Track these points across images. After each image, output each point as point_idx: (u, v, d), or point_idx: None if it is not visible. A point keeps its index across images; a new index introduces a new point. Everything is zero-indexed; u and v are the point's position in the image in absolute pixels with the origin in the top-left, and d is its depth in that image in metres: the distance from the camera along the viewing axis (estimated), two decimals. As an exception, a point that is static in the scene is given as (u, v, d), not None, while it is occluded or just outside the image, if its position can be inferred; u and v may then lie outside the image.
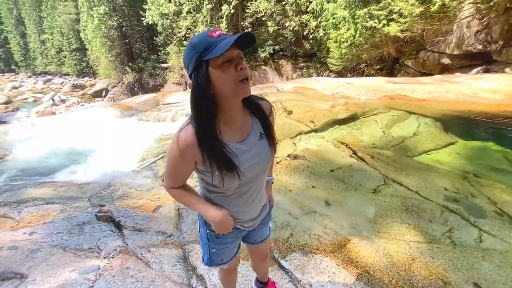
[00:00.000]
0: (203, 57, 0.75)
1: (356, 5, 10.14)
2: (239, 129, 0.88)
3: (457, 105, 4.77)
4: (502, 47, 8.21)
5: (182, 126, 0.84)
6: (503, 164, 3.26)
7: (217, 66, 0.76)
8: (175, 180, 0.93)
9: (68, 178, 3.66)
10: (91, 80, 26.67)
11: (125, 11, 19.94)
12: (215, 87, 0.78)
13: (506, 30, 7.96)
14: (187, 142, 0.80)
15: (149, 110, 6.92)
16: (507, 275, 1.54)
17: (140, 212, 2.21)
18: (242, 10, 15.05)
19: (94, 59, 23.51)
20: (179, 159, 0.84)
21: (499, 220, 2.06)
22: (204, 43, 0.75)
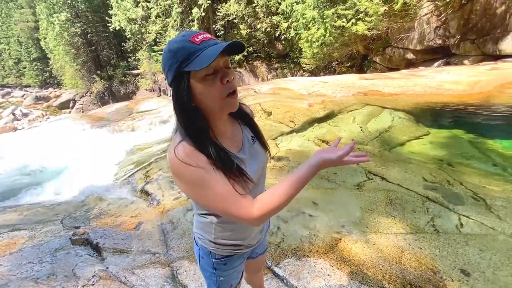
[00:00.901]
0: (183, 68, 0.65)
1: (324, 5, 10.45)
2: (231, 137, 0.81)
3: (425, 97, 5.04)
4: (459, 41, 8.83)
5: (173, 147, 0.69)
6: (471, 151, 3.47)
7: (199, 79, 0.66)
8: (240, 196, 0.68)
9: (35, 200, 3.36)
10: (56, 91, 25.04)
11: (89, 17, 18.98)
12: (197, 100, 0.69)
13: (462, 25, 8.57)
14: (187, 150, 0.67)
15: (122, 119, 6.60)
16: (490, 258, 1.61)
17: (120, 231, 2.06)
18: (213, 13, 14.92)
19: (57, 68, 22.11)
20: (202, 173, 0.66)
21: (475, 205, 2.17)
22: (184, 50, 0.64)
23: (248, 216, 0.68)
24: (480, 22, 8.26)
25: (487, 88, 5.16)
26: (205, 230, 0.87)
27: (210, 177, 0.68)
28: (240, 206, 0.68)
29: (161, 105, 7.39)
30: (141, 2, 16.02)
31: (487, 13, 8.07)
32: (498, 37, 7.77)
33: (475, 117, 4.31)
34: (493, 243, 1.76)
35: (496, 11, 7.90)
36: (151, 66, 17.96)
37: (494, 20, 7.91)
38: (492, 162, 3.17)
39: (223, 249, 0.88)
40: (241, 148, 0.81)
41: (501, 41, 7.65)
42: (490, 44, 7.98)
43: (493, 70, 6.20)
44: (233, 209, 0.68)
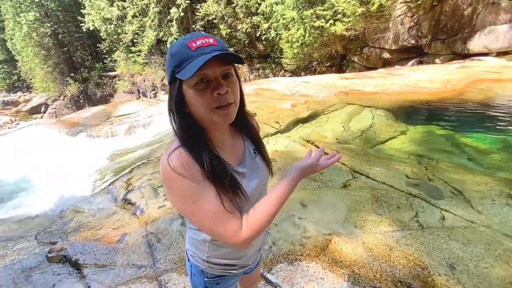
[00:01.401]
0: (176, 73, 0.63)
1: (303, 6, 10.59)
2: (231, 149, 0.76)
3: (403, 95, 5.23)
4: (431, 41, 9.27)
5: (168, 154, 0.65)
6: (447, 146, 3.64)
7: (190, 86, 0.63)
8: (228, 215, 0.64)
9: (5, 215, 3.11)
10: (26, 95, 23.52)
11: (60, 16, 18.03)
12: (189, 106, 0.66)
13: (433, 26, 9.01)
14: (182, 160, 0.63)
15: (100, 124, 6.30)
16: (472, 251, 1.68)
17: (101, 245, 1.95)
18: (192, 13, 14.67)
19: (27, 71, 20.78)
20: (194, 186, 0.62)
21: (455, 199, 2.26)
22: (179, 56, 0.62)
23: (235, 240, 0.64)
24: (449, 23, 8.72)
25: (458, 85, 5.45)
26: (198, 248, 0.82)
27: (201, 192, 0.64)
28: (227, 229, 0.64)
29: (141, 108, 7.14)
30: (116, 1, 15.44)
31: (456, 14, 8.53)
32: (466, 37, 8.23)
33: (449, 113, 4.54)
34: (473, 235, 1.84)
35: (463, 12, 8.37)
36: (129, 68, 17.37)
37: (462, 21, 8.38)
38: (467, 156, 3.34)
39: (216, 268, 0.84)
40: (241, 161, 0.77)
41: (469, 40, 8.12)
42: (459, 43, 8.44)
43: (462, 68, 6.55)
44: (221, 231, 0.64)
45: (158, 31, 14.97)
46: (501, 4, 7.48)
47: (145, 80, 17.20)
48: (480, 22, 7.92)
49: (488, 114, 4.33)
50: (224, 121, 0.67)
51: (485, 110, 4.48)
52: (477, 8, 8.08)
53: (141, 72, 17.22)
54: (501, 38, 7.40)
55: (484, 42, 7.75)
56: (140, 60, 16.45)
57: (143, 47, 15.63)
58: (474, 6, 8.11)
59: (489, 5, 7.74)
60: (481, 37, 7.82)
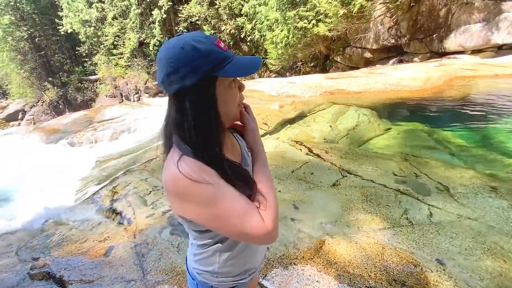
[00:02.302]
0: (216, 72, 0.60)
1: (286, 7, 10.69)
2: (232, 149, 0.76)
3: (386, 94, 5.36)
4: (409, 40, 9.59)
5: (173, 165, 0.61)
6: (430, 142, 3.76)
7: (225, 86, 0.64)
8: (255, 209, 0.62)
9: (-19, 231, 2.92)
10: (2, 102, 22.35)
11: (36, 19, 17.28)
12: (219, 108, 0.65)
13: (411, 25, 9.32)
14: (194, 165, 0.60)
15: (81, 130, 6.07)
16: (460, 244, 1.72)
17: (87, 259, 1.85)
18: (175, 15, 14.46)
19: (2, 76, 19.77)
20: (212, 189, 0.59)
21: (441, 194, 2.33)
22: (218, 54, 0.60)
23: (265, 231, 0.60)
24: (426, 23, 9.06)
25: (438, 83, 5.65)
26: (207, 262, 0.77)
27: (220, 192, 0.60)
28: (255, 223, 0.60)
29: (125, 112, 6.94)
30: (95, 2, 14.98)
31: (432, 14, 8.87)
32: (442, 36, 8.57)
33: (431, 111, 4.69)
34: (460, 229, 1.90)
35: (439, 12, 8.72)
36: (110, 71, 16.89)
37: (438, 21, 8.72)
38: (449, 152, 3.46)
39: (227, 281, 0.80)
40: (241, 161, 0.78)
41: (445, 39, 8.46)
42: (436, 42, 8.78)
43: (440, 66, 6.81)
44: (252, 226, 0.60)
45: (140, 33, 14.65)
46: (475, 4, 7.84)
47: (127, 84, 16.78)
48: (455, 21, 8.28)
49: (466, 109, 4.51)
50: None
51: (463, 106, 4.67)
52: (452, 8, 8.43)
53: (124, 75, 16.78)
54: (475, 36, 7.76)
55: (459, 41, 8.10)
56: (122, 63, 16.04)
57: (125, 49, 15.25)
58: (449, 7, 8.46)
59: (463, 5, 8.10)
60: (456, 36, 8.16)
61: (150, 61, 15.93)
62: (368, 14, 9.53)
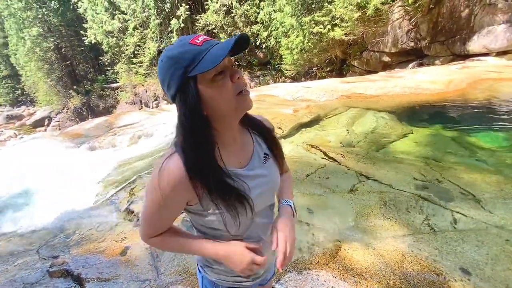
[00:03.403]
0: (190, 73, 0.58)
1: (302, 13, 10.71)
2: (239, 150, 0.72)
3: (405, 97, 5.20)
4: (430, 43, 9.29)
5: (165, 158, 0.64)
6: (453, 146, 3.58)
7: (208, 82, 0.59)
8: (155, 228, 0.71)
9: (8, 229, 3.08)
10: (30, 109, 23.85)
11: (62, 31, 18.40)
12: (208, 106, 0.62)
13: (431, 28, 9.04)
14: (175, 178, 0.61)
15: (102, 135, 6.32)
16: (486, 253, 1.61)
17: (104, 258, 1.90)
18: (192, 24, 14.89)
19: (30, 85, 21.13)
20: (163, 202, 0.64)
21: (466, 200, 2.20)
22: (188, 54, 0.58)
23: (142, 236, 0.75)
24: (447, 25, 8.75)
25: (461, 85, 5.41)
26: (205, 258, 0.78)
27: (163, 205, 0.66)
28: (147, 226, 0.72)
29: (143, 118, 7.17)
30: (117, 14, 15.74)
31: (453, 16, 8.57)
32: (465, 38, 8.24)
33: (453, 114, 4.49)
34: (487, 237, 1.77)
35: (461, 14, 8.40)
36: (130, 79, 17.57)
37: (460, 22, 8.40)
38: (475, 157, 3.27)
39: (227, 280, 0.79)
40: (247, 164, 0.72)
41: (468, 41, 8.12)
42: (458, 44, 8.44)
43: (463, 69, 6.53)
44: (143, 220, 0.72)
45: (159, 42, 15.19)
46: (498, 5, 7.51)
47: (147, 91, 17.37)
48: (478, 23, 7.94)
49: (492, 113, 4.27)
50: (248, 106, 0.65)
51: (489, 109, 4.43)
52: (474, 10, 8.11)
53: (143, 82, 17.40)
54: (499, 38, 7.40)
55: (483, 43, 7.74)
56: (142, 71, 16.65)
57: (144, 58, 15.85)
58: (471, 8, 8.15)
59: (486, 6, 7.78)
60: (480, 38, 7.82)
61: (168, 69, 16.39)
62: (385, 17, 9.36)
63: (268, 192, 0.75)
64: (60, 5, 18.10)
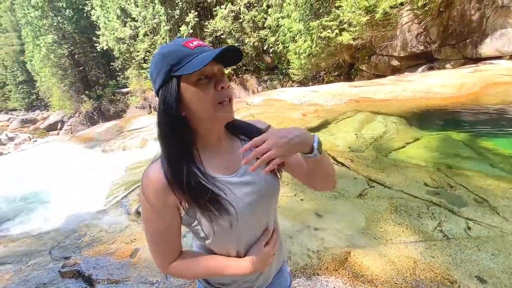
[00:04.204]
0: (174, 71, 0.59)
1: (309, 18, 10.75)
2: (223, 157, 0.69)
3: (415, 101, 5.12)
4: (440, 47, 9.16)
5: (149, 164, 0.65)
6: (466, 151, 3.49)
7: (191, 83, 0.60)
8: (165, 247, 0.67)
9: (22, 230, 3.16)
10: (43, 113, 24.58)
11: (76, 38, 18.98)
12: (187, 107, 0.62)
13: (441, 31, 8.92)
14: (155, 184, 0.61)
15: (113, 138, 6.45)
16: (503, 262, 1.56)
17: (114, 260, 1.93)
18: (201, 30, 15.14)
19: (44, 90, 21.84)
20: (154, 213, 0.63)
21: (480, 207, 2.14)
22: (177, 54, 0.60)
23: (159, 269, 0.71)
24: (458, 28, 8.61)
25: (473, 89, 5.30)
26: None
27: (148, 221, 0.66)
28: (158, 263, 0.70)
29: (153, 121, 7.28)
30: (129, 21, 16.15)
31: (464, 19, 8.44)
32: (476, 41, 8.09)
33: (466, 118, 4.39)
34: (503, 245, 1.72)
35: (472, 17, 8.27)
36: (140, 84, 17.92)
37: (472, 25, 8.27)
38: (489, 162, 3.18)
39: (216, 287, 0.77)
40: (236, 171, 0.69)
41: (480, 44, 7.97)
42: (470, 48, 8.29)
43: (476, 72, 6.40)
44: (152, 252, 0.70)
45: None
46: (511, 8, 7.36)
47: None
48: (490, 25, 7.79)
49: (507, 117, 4.16)
50: (228, 116, 0.65)
51: (503, 113, 4.31)
52: (485, 12, 7.97)
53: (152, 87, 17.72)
54: (514, 40, 7.23)
55: (496, 46, 7.58)
56: (152, 76, 16.95)
57: (154, 63, 16.14)
58: (483, 11, 8.01)
59: (498, 9, 7.63)
60: (492, 41, 7.66)
61: (177, 74, 16.69)
62: (394, 21, 9.29)
63: (260, 201, 0.70)
64: (75, 13, 18.72)
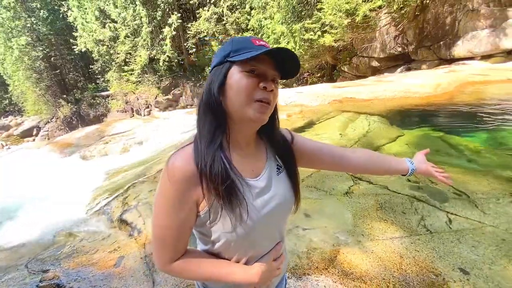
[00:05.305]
0: (231, 57, 0.62)
1: (292, 20, 10.91)
2: (250, 158, 0.69)
3: (396, 101, 5.30)
4: (416, 48, 9.57)
5: (176, 150, 0.64)
6: (444, 147, 3.65)
7: (239, 71, 0.62)
8: (173, 244, 0.64)
9: (-5, 243, 2.96)
10: (17, 119, 23.27)
11: (52, 40, 18.19)
12: (226, 93, 0.62)
13: (418, 34, 9.32)
14: (181, 170, 0.58)
15: (93, 144, 6.20)
16: (483, 253, 1.62)
17: (97, 271, 1.83)
18: (184, 31, 14.96)
19: (18, 94, 20.69)
20: (174, 200, 0.59)
21: (459, 200, 2.23)
22: (240, 43, 0.63)
23: (157, 265, 0.68)
24: (433, 30, 9.04)
25: (448, 89, 5.56)
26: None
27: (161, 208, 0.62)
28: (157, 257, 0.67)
29: (135, 125, 7.08)
30: (108, 23, 15.69)
31: (438, 22, 8.86)
32: (450, 43, 8.52)
33: (442, 116, 4.59)
34: (482, 237, 1.79)
35: (445, 20, 8.70)
36: (122, 87, 17.43)
37: (445, 28, 8.70)
38: (465, 157, 3.34)
39: None
40: (260, 174, 0.69)
41: (453, 46, 8.39)
42: (444, 49, 8.71)
43: (450, 73, 6.72)
44: (155, 255, 0.67)
45: (150, 50, 15.16)
46: (481, 11, 7.81)
47: (138, 99, 17.24)
48: (462, 28, 8.23)
49: (480, 114, 4.39)
50: (260, 117, 0.62)
51: (477, 111, 4.55)
52: (457, 16, 8.42)
53: (134, 90, 17.28)
54: (483, 42, 7.67)
55: (468, 47, 8.01)
56: (133, 78, 16.55)
57: (135, 66, 15.78)
58: (455, 14, 8.45)
59: (469, 12, 8.08)
60: (464, 43, 8.09)
61: (160, 77, 16.40)
62: (373, 24, 9.61)
63: (277, 211, 0.70)
64: (50, 14, 17.93)
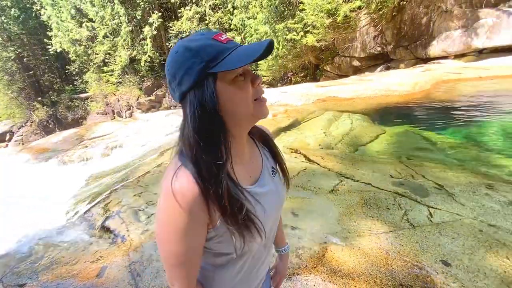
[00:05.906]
0: (211, 68, 0.53)
1: (275, 20, 10.97)
2: (248, 164, 0.66)
3: (377, 99, 5.45)
4: (394, 48, 9.90)
5: (171, 174, 0.55)
6: (423, 144, 3.79)
7: (229, 82, 0.55)
8: (187, 274, 0.59)
9: (-36, 258, 2.75)
10: (-13, 124, 21.89)
11: (24, 39, 17.24)
12: (224, 109, 0.55)
13: (395, 34, 9.64)
14: (188, 197, 0.52)
15: (72, 148, 5.95)
16: (463, 244, 1.70)
17: (78, 282, 1.75)
18: (165, 31, 14.65)
19: (-13, 98, 19.45)
20: (188, 224, 0.53)
21: (439, 194, 2.32)
22: (211, 49, 0.53)
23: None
24: (409, 31, 9.38)
25: (425, 87, 5.80)
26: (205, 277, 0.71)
27: (191, 228, 0.54)
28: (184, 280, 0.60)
29: (116, 127, 6.86)
30: (85, 22, 15.08)
31: (414, 23, 9.22)
32: (426, 42, 8.88)
33: (420, 113, 4.78)
34: (461, 228, 1.87)
35: (421, 21, 9.06)
36: (101, 88, 16.82)
37: (421, 28, 9.06)
38: (443, 152, 3.49)
39: None
40: (258, 180, 0.67)
41: (429, 46, 8.76)
42: (420, 49, 9.07)
43: (426, 71, 7.01)
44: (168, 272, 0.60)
45: (130, 50, 14.73)
46: (454, 12, 8.19)
47: (119, 100, 16.70)
48: (436, 28, 8.60)
49: (455, 111, 4.61)
50: (265, 113, 0.61)
51: (452, 107, 4.78)
52: (432, 17, 8.79)
53: (115, 92, 16.72)
54: (456, 42, 8.05)
55: (442, 47, 8.39)
56: (114, 79, 16.02)
57: (115, 66, 15.27)
58: (430, 15, 8.82)
59: (443, 13, 8.46)
60: (439, 42, 8.46)
61: (141, 77, 15.97)
62: (354, 24, 9.84)
63: (277, 208, 0.72)
64: (21, 13, 16.97)
